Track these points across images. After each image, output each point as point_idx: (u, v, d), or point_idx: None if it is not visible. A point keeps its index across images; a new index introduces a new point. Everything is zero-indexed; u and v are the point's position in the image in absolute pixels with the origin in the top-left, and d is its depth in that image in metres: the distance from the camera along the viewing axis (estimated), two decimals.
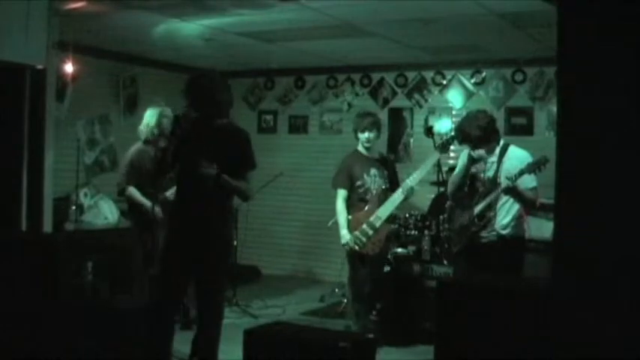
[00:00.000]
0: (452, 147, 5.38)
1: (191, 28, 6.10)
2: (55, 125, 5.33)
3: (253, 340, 3.55)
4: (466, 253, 4.65)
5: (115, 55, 7.37)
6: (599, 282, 2.29)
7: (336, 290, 6.88)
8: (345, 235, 5.26)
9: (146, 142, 5.43)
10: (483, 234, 4.54)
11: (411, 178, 5.13)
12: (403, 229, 6.05)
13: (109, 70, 7.44)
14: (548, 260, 2.55)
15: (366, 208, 5.25)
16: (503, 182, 4.40)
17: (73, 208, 6.42)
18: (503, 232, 4.51)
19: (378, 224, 5.19)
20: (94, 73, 7.07)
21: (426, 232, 5.95)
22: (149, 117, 5.43)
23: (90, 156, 7.21)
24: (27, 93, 5.07)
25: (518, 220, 4.56)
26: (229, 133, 4.07)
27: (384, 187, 5.28)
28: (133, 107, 7.60)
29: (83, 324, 4.13)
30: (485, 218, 4.51)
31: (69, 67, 5.97)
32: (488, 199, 4.48)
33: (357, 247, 5.21)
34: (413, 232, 6.02)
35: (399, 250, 5.91)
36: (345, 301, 6.14)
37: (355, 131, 5.38)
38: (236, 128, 4.17)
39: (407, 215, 6.10)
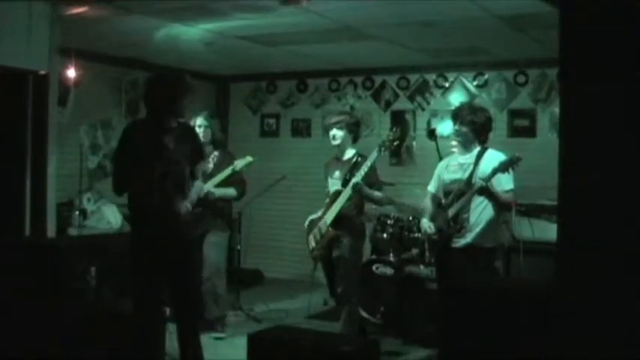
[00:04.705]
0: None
1: (193, 32, 6.10)
2: (58, 130, 5.35)
3: (257, 344, 3.54)
4: (439, 258, 4.58)
5: (117, 60, 7.39)
6: (601, 282, 2.29)
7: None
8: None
9: None
10: (455, 239, 4.43)
11: (357, 174, 4.86)
12: (406, 233, 6.03)
13: (111, 75, 7.45)
14: (552, 262, 2.54)
15: (321, 212, 5.15)
16: (478, 183, 4.30)
17: (76, 213, 6.43)
18: (473, 240, 4.39)
19: (324, 229, 5.05)
20: (96, 78, 7.08)
21: None
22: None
23: (93, 161, 7.23)
24: (30, 98, 5.09)
25: (490, 227, 4.42)
26: (186, 133, 4.09)
27: (338, 189, 4.98)
28: (134, 112, 7.61)
29: (86, 328, 4.13)
30: (460, 220, 4.39)
31: (71, 72, 5.99)
32: (461, 202, 4.37)
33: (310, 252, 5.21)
34: (416, 234, 5.98)
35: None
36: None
37: None
38: (188, 127, 4.18)
39: (410, 218, 6.08)
